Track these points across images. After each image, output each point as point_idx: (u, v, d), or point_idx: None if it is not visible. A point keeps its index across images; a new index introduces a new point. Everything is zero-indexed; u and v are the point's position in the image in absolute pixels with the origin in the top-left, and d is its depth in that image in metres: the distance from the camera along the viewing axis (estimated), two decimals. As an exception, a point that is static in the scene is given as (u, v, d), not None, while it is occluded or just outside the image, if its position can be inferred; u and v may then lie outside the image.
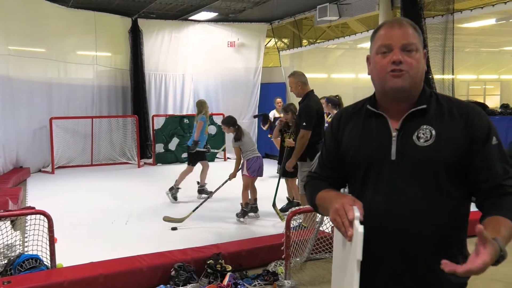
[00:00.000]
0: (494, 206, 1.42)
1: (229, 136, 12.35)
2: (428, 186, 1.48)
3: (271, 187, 6.62)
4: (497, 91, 19.81)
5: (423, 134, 1.49)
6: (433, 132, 1.48)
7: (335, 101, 7.06)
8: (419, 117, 1.52)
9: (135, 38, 12.03)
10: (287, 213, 5.25)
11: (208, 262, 4.21)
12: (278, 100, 10.06)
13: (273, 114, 10.03)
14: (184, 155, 11.93)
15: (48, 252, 4.14)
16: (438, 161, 1.47)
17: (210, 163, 10.89)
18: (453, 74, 8.04)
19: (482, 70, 18.64)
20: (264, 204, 6.58)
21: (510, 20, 10.43)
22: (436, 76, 7.95)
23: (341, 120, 1.68)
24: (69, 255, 4.47)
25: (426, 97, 1.55)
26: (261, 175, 6.22)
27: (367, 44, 8.10)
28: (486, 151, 1.46)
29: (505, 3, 7.51)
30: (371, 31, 1.78)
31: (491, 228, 1.31)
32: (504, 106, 7.60)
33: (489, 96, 19.45)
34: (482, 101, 14.25)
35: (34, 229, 4.25)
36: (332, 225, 1.46)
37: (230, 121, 6.28)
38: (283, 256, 4.18)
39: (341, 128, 1.66)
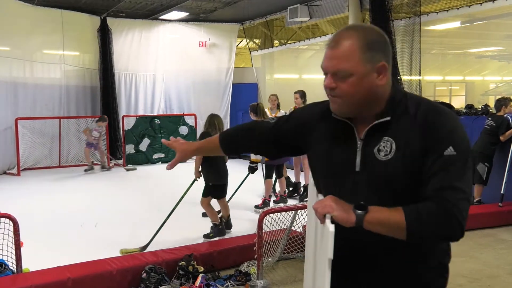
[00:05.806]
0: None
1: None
2: (386, 200, 1.42)
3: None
4: (462, 92, 20.37)
5: (383, 147, 1.46)
6: (393, 145, 1.44)
7: (254, 108, 6.99)
8: (383, 128, 1.47)
9: (104, 37, 11.83)
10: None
11: (180, 263, 4.18)
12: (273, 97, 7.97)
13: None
14: (156, 155, 11.81)
15: (14, 257, 4.04)
16: (394, 177, 1.43)
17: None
18: (420, 75, 8.23)
19: (448, 71, 19.14)
20: (236, 206, 6.58)
21: (474, 23, 10.74)
22: (404, 77, 8.13)
23: (312, 121, 1.66)
24: (36, 259, 4.36)
25: (394, 106, 1.48)
26: None
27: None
28: (434, 163, 1.39)
29: (469, 6, 7.74)
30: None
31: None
32: (468, 107, 7.80)
33: (454, 97, 20.00)
34: (448, 101, 14.64)
35: (-2, 233, 4.13)
36: (303, 224, 1.47)
37: None
38: (255, 256, 4.19)
39: (307, 131, 1.65)
